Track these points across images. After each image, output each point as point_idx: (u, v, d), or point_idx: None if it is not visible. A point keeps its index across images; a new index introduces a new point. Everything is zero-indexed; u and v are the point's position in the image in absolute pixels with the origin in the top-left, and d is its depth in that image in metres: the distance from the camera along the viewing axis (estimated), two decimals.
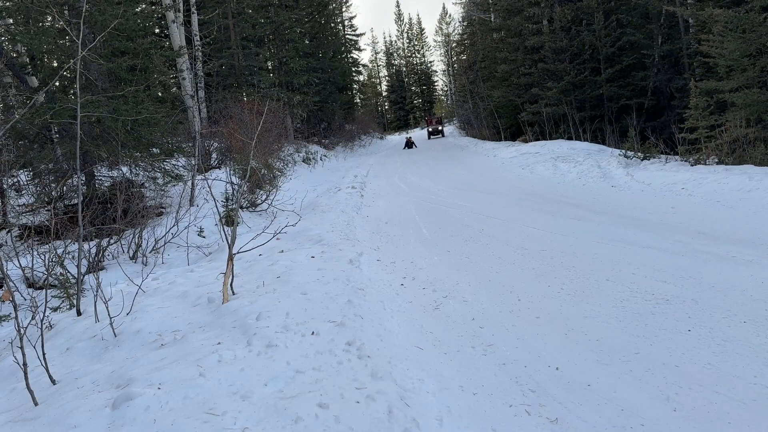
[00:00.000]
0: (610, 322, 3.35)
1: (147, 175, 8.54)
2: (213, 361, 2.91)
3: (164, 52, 13.17)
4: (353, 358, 2.97)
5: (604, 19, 16.04)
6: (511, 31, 19.60)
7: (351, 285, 4.35)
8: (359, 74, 40.37)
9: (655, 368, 2.73)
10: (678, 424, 2.27)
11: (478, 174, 13.04)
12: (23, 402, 2.78)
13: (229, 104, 13.34)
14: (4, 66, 7.70)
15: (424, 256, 5.65)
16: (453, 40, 44.25)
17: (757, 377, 2.52)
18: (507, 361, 3.02)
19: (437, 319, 3.83)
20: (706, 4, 11.20)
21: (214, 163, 12.79)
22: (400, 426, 2.31)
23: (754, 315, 3.14)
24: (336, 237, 6.52)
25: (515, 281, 4.43)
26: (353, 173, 16.05)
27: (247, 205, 9.50)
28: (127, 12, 7.58)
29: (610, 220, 6.18)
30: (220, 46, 18.51)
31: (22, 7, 7.68)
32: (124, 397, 2.53)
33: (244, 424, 2.33)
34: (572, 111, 16.59)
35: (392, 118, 60.52)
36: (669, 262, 4.35)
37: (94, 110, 6.43)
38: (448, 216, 7.91)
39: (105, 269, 6.21)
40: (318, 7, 28.48)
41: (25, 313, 4.26)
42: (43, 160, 7.37)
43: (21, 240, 6.90)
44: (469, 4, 30.83)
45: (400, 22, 62.81)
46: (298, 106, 21.81)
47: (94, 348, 3.48)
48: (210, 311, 3.88)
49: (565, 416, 2.43)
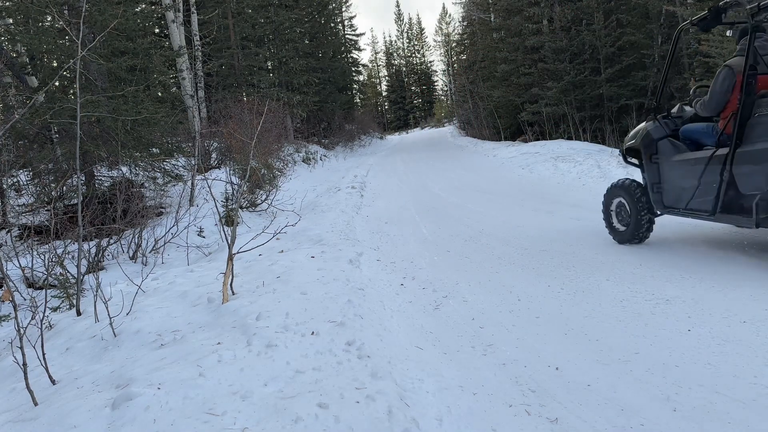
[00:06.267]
0: (610, 321, 3.35)
1: (147, 175, 8.54)
2: (213, 361, 2.91)
3: (164, 52, 13.18)
4: (353, 358, 2.97)
5: (604, 19, 16.03)
6: (511, 31, 19.59)
7: (351, 285, 4.35)
8: (359, 74, 40.33)
9: (655, 368, 2.73)
10: (678, 424, 2.27)
11: (478, 174, 13.04)
12: (23, 402, 2.78)
13: (229, 104, 13.33)
14: (4, 66, 7.70)
15: (424, 256, 5.65)
16: (453, 40, 44.25)
17: (757, 377, 2.52)
18: (507, 361, 3.02)
19: (437, 318, 3.83)
20: (706, 4, 11.20)
21: (213, 163, 12.78)
22: (399, 426, 2.31)
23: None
24: (336, 237, 6.52)
25: (515, 281, 4.43)
26: (353, 173, 16.05)
27: (247, 205, 9.49)
28: (126, 12, 7.58)
29: None
30: (219, 46, 18.50)
31: (22, 7, 7.68)
32: (124, 397, 2.53)
33: (244, 424, 2.33)
34: (572, 111, 16.58)
35: (392, 118, 60.49)
36: (670, 261, 4.35)
37: (93, 110, 6.43)
38: (448, 216, 7.91)
39: (105, 269, 6.21)
40: (318, 7, 28.45)
41: (25, 313, 4.26)
42: (43, 160, 7.36)
43: (21, 240, 6.90)
44: (469, 4, 30.82)
45: (400, 22, 62.83)
46: (298, 106, 21.80)
47: (93, 348, 3.48)
48: (210, 311, 3.88)
49: (565, 416, 2.43)
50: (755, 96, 3.91)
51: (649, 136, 4.90)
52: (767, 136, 3.76)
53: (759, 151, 3.78)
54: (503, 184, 10.72)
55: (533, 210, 7.36)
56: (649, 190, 4.89)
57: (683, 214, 4.61)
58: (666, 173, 4.75)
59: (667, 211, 4.80)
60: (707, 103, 4.35)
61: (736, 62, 4.14)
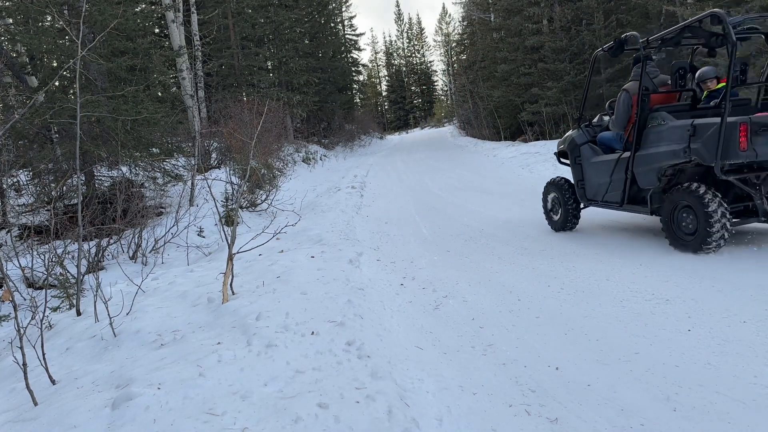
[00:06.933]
0: (610, 321, 3.35)
1: (147, 175, 8.53)
2: (213, 361, 2.91)
3: (164, 52, 13.19)
4: (353, 357, 2.97)
5: (604, 19, 16.02)
6: (510, 31, 19.58)
7: (351, 285, 4.34)
8: (359, 74, 40.32)
9: (655, 368, 2.72)
10: (678, 424, 2.27)
11: (478, 174, 13.04)
12: (23, 402, 2.78)
13: (228, 104, 13.32)
14: (4, 66, 7.69)
15: (424, 256, 5.65)
16: (453, 40, 44.20)
17: (757, 377, 2.52)
18: (507, 361, 3.02)
19: (437, 318, 3.82)
20: (706, 4, 11.20)
21: (213, 163, 12.78)
22: (399, 426, 2.31)
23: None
24: (336, 237, 6.52)
25: (515, 281, 4.43)
26: (353, 173, 16.05)
27: (246, 205, 9.49)
28: (126, 12, 7.58)
29: None
30: (219, 46, 18.49)
31: (22, 6, 7.68)
32: (124, 397, 2.53)
33: (244, 423, 2.33)
34: (572, 111, 16.57)
35: (392, 118, 60.49)
36: (674, 262, 4.35)
37: (93, 110, 6.43)
38: (448, 215, 7.91)
39: (105, 269, 6.21)
40: (318, 6, 28.45)
41: (25, 313, 4.26)
42: (43, 160, 7.36)
43: (21, 240, 6.90)
44: (469, 4, 30.81)
45: (400, 22, 62.81)
46: (298, 106, 21.80)
47: (93, 348, 3.48)
48: (210, 311, 3.88)
49: (565, 416, 2.43)
50: (648, 111, 4.92)
51: (573, 142, 5.92)
52: (657, 143, 4.75)
53: (650, 155, 4.80)
54: (503, 184, 10.72)
55: (533, 210, 7.35)
56: (575, 186, 5.87)
57: (601, 205, 5.61)
58: (587, 172, 5.74)
59: (589, 204, 5.78)
60: (615, 122, 5.44)
61: (631, 86, 5.19)
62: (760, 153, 4.07)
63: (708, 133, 4.21)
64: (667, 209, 4.60)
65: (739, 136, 4.02)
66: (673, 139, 4.57)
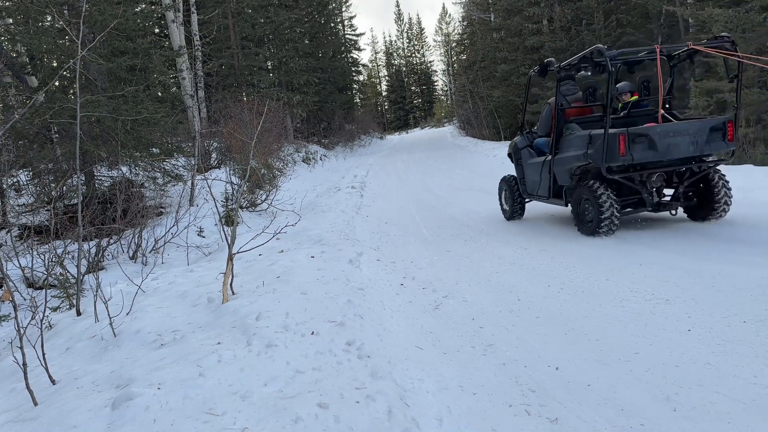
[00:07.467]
0: (610, 321, 3.35)
1: (147, 175, 8.53)
2: (213, 361, 2.91)
3: (164, 52, 13.20)
4: (353, 357, 2.97)
5: (604, 19, 16.02)
6: (511, 31, 19.59)
7: (351, 285, 4.34)
8: (359, 74, 40.33)
9: (655, 368, 2.72)
10: (678, 424, 2.26)
11: (478, 174, 13.04)
12: (23, 402, 2.78)
13: (228, 104, 13.33)
14: (4, 66, 7.69)
15: (424, 256, 5.65)
16: (453, 40, 44.19)
17: (757, 377, 2.52)
18: (507, 361, 3.02)
19: (437, 318, 3.82)
20: (706, 4, 11.19)
21: (213, 163, 12.78)
22: (399, 426, 2.31)
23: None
24: (336, 237, 6.52)
25: (515, 281, 4.43)
26: (353, 173, 16.05)
27: (246, 205, 9.49)
28: (126, 12, 7.58)
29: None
30: (219, 46, 18.50)
31: (22, 6, 7.68)
32: (124, 397, 2.53)
33: (244, 423, 2.33)
34: None
35: (392, 118, 60.49)
36: (674, 262, 4.35)
37: (93, 110, 6.43)
38: (448, 215, 7.91)
39: (105, 269, 6.21)
40: (318, 6, 28.46)
41: (25, 313, 4.26)
42: (43, 160, 7.37)
43: (21, 240, 6.90)
44: (469, 4, 30.82)
45: (400, 22, 62.80)
46: (298, 106, 21.81)
47: (93, 348, 3.48)
48: (210, 311, 3.88)
49: (565, 416, 2.43)
50: (564, 122, 6.06)
51: (516, 146, 7.16)
52: (568, 149, 5.86)
53: (565, 158, 5.91)
54: None
55: (533, 210, 7.35)
56: (519, 182, 6.98)
57: (536, 199, 6.73)
58: (526, 171, 6.87)
59: (529, 197, 6.89)
60: (540, 127, 6.75)
61: (553, 101, 6.38)
62: (636, 157, 5.08)
63: (599, 141, 5.24)
64: (575, 201, 5.67)
65: (619, 144, 5.02)
66: (578, 145, 5.65)
